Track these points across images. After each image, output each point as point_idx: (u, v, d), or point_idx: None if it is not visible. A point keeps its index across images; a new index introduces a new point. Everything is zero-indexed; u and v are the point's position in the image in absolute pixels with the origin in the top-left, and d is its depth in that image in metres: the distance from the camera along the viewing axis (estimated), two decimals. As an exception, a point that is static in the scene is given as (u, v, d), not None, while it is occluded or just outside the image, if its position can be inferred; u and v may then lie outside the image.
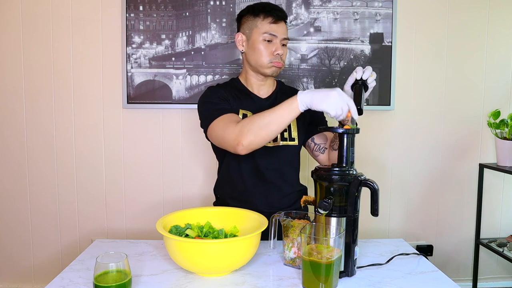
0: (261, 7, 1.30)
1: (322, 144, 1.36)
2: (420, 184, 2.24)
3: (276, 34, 1.28)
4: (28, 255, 2.17)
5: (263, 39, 1.28)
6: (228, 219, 1.18)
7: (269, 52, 1.29)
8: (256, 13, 1.30)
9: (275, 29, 1.28)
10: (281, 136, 1.36)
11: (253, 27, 1.30)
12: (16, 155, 2.11)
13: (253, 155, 1.33)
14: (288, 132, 1.37)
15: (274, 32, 1.28)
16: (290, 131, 1.37)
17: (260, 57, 1.30)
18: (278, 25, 1.29)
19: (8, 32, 2.05)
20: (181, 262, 1.00)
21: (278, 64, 1.30)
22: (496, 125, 2.06)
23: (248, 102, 1.35)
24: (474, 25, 2.16)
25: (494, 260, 2.29)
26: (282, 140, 1.36)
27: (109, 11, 2.05)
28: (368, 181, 0.98)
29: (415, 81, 2.18)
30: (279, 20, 1.29)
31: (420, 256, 1.17)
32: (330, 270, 0.91)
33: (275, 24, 1.28)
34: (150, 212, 2.14)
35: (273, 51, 1.28)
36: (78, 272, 1.03)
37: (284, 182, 1.38)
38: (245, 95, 1.37)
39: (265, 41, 1.29)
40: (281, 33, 1.29)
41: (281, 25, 1.30)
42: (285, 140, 1.37)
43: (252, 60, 1.32)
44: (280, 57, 1.30)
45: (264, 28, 1.28)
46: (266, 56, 1.29)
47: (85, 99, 2.09)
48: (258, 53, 1.30)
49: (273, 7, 1.31)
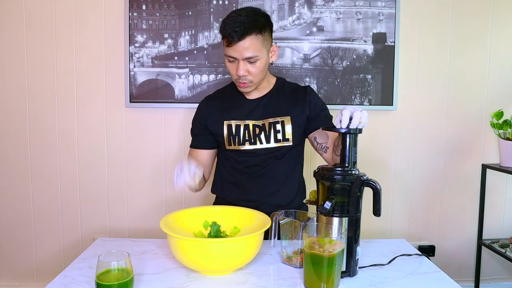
0: (223, 26, 1.23)
1: (323, 144, 1.36)
2: (422, 184, 2.23)
3: (234, 56, 1.24)
4: (30, 254, 2.18)
5: (227, 60, 1.29)
6: (232, 218, 1.19)
7: (233, 72, 1.29)
8: (221, 32, 1.26)
9: (232, 52, 1.23)
10: (274, 137, 1.35)
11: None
12: (19, 153, 2.12)
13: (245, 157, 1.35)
14: (281, 134, 1.35)
15: (231, 55, 1.25)
16: (284, 132, 1.35)
17: (231, 75, 1.32)
18: (235, 47, 1.21)
19: (11, 30, 2.05)
20: (184, 260, 1.00)
21: (242, 85, 1.30)
22: (499, 126, 2.05)
23: (236, 110, 1.38)
24: (477, 25, 2.16)
25: (497, 261, 2.28)
26: (275, 142, 1.36)
27: (112, 10, 2.05)
28: (370, 181, 0.98)
29: (418, 81, 2.17)
30: (236, 42, 1.20)
31: (422, 256, 1.17)
32: (332, 265, 0.90)
33: (230, 47, 1.22)
34: (152, 211, 2.15)
35: (235, 72, 1.27)
36: (80, 271, 1.04)
37: (279, 181, 1.39)
38: (236, 102, 1.40)
39: (229, 62, 1.28)
40: (240, 54, 1.22)
41: (239, 45, 1.21)
42: (278, 142, 1.36)
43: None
44: (244, 78, 1.27)
45: (225, 49, 1.27)
46: (233, 76, 1.31)
47: (87, 98, 2.10)
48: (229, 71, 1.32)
49: (230, 25, 1.20)
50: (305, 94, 1.40)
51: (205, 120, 1.40)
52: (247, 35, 1.20)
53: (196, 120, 1.45)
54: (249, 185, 1.38)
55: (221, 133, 1.37)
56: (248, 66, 1.25)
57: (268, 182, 1.38)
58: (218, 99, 1.43)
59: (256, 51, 1.23)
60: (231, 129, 1.36)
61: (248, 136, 1.35)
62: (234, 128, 1.36)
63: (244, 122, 1.36)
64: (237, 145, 1.36)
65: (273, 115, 1.36)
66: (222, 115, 1.38)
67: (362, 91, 2.12)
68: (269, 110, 1.37)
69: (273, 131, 1.35)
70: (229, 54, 1.25)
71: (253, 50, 1.22)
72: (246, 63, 1.25)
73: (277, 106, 1.37)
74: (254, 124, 1.35)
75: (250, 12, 1.24)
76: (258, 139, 1.35)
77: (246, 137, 1.35)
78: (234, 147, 1.36)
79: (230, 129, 1.36)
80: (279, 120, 1.35)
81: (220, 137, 1.37)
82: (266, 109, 1.37)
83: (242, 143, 1.35)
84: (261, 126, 1.35)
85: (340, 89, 2.11)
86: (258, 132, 1.35)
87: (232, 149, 1.37)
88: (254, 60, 1.24)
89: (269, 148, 1.36)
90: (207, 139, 1.42)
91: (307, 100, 1.38)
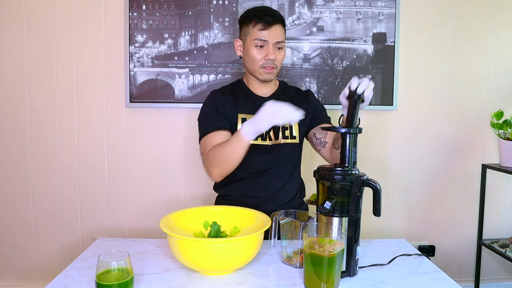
0: (253, 13, 1.32)
1: (322, 138, 1.38)
2: (422, 184, 2.23)
3: (267, 39, 1.30)
4: (30, 254, 2.18)
5: (254, 45, 1.32)
6: (232, 218, 1.18)
7: (260, 57, 1.32)
8: (249, 19, 1.32)
9: (265, 34, 1.30)
10: (282, 134, 1.38)
11: (246, 33, 1.34)
12: (19, 154, 2.12)
13: (254, 153, 1.35)
14: (289, 131, 1.40)
15: (264, 38, 1.30)
16: (291, 129, 1.40)
17: (252, 62, 1.34)
18: (269, 30, 1.30)
19: (11, 31, 2.05)
20: (184, 260, 1.00)
21: (269, 70, 1.33)
22: (499, 126, 2.05)
23: (248, 104, 1.38)
24: (478, 25, 2.16)
25: (497, 261, 2.28)
26: (283, 138, 1.39)
27: (112, 10, 2.05)
28: (370, 181, 0.98)
29: (418, 81, 2.17)
30: (270, 25, 1.30)
31: (422, 256, 1.17)
32: (332, 265, 0.90)
33: (265, 30, 1.30)
34: (152, 211, 2.15)
35: (264, 56, 1.32)
36: (80, 271, 1.04)
37: (284, 178, 1.40)
38: (247, 97, 1.41)
39: (257, 47, 1.32)
40: (272, 38, 1.30)
41: (273, 29, 1.30)
42: (286, 138, 1.39)
43: (247, 65, 1.38)
44: (272, 62, 1.32)
45: (255, 34, 1.31)
46: (258, 62, 1.33)
47: (87, 98, 2.10)
48: (251, 59, 1.34)
49: (265, 12, 1.31)
50: (307, 96, 1.47)
51: (224, 108, 1.37)
52: (279, 22, 1.33)
53: (213, 108, 1.38)
54: (255, 182, 1.38)
55: (236, 126, 1.36)
56: (275, 52, 1.32)
57: (273, 179, 1.39)
58: (229, 93, 1.43)
59: (284, 38, 1.35)
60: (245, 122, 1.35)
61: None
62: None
63: None
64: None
65: None
66: (236, 108, 1.38)
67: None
68: None
69: (281, 128, 1.39)
70: (262, 37, 1.30)
71: (283, 36, 1.34)
72: (274, 49, 1.32)
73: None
74: None
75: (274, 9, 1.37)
76: (268, 136, 1.38)
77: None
78: None
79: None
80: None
81: (234, 129, 1.36)
82: None
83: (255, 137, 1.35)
84: None
85: (340, 89, 2.11)
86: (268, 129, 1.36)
87: None
88: (281, 46, 1.34)
89: (278, 144, 1.38)
90: (227, 122, 1.37)
91: (310, 101, 1.44)
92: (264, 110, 1.14)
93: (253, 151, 1.36)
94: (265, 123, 1.15)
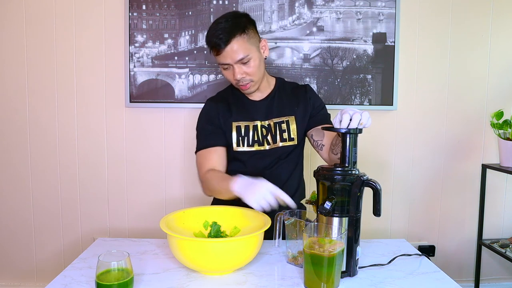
0: (207, 39, 1.26)
1: (319, 141, 1.36)
2: (422, 185, 2.23)
3: (227, 62, 1.24)
4: (30, 254, 2.18)
5: (222, 68, 1.30)
6: (232, 218, 1.19)
7: (231, 78, 1.30)
8: (207, 45, 1.27)
9: (223, 59, 1.24)
10: (280, 137, 1.37)
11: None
12: (19, 153, 2.12)
13: (251, 157, 1.35)
14: (287, 133, 1.37)
15: (223, 61, 1.25)
16: (289, 132, 1.37)
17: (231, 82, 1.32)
18: (223, 54, 1.22)
19: (11, 31, 2.05)
20: (184, 260, 1.00)
21: (244, 87, 1.30)
22: (499, 126, 2.05)
23: (242, 111, 1.38)
24: (478, 25, 2.16)
25: (497, 261, 2.28)
26: (281, 141, 1.37)
27: (112, 10, 2.05)
28: (370, 181, 0.98)
29: (418, 81, 2.17)
30: (223, 49, 1.21)
31: (422, 256, 1.17)
32: (332, 265, 0.90)
33: (220, 55, 1.24)
34: (152, 211, 2.15)
35: (233, 77, 1.28)
36: (80, 271, 1.04)
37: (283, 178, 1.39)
38: (240, 103, 1.40)
39: (224, 70, 1.29)
40: (230, 59, 1.23)
41: (227, 51, 1.22)
42: (284, 141, 1.37)
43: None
44: (243, 79, 1.27)
45: (217, 59, 1.28)
46: (232, 81, 1.31)
47: (87, 98, 2.10)
48: (227, 79, 1.33)
49: (213, 35, 1.22)
50: (305, 92, 1.42)
51: (218, 119, 1.38)
52: (232, 38, 1.21)
53: (207, 120, 1.40)
54: None
55: (230, 134, 1.37)
56: (243, 68, 1.25)
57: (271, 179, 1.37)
58: (223, 101, 1.42)
59: (246, 51, 1.23)
60: (240, 130, 1.36)
61: (257, 137, 1.37)
62: (243, 129, 1.37)
63: (253, 123, 1.37)
64: (246, 146, 1.36)
65: (278, 115, 1.38)
66: (231, 116, 1.38)
67: (362, 91, 2.12)
68: (274, 111, 1.38)
69: (279, 131, 1.37)
70: (222, 62, 1.25)
71: (243, 50, 1.23)
72: (240, 65, 1.25)
73: (281, 106, 1.39)
74: (262, 125, 1.37)
75: (228, 16, 1.25)
76: (265, 140, 1.37)
77: (255, 138, 1.36)
78: (243, 148, 1.37)
79: (239, 130, 1.37)
80: (284, 120, 1.37)
81: (229, 138, 1.37)
82: (271, 109, 1.38)
83: (251, 144, 1.36)
84: (267, 126, 1.37)
85: (340, 89, 2.11)
86: (265, 133, 1.36)
87: (240, 151, 1.37)
88: (246, 60, 1.24)
89: (276, 148, 1.37)
90: (222, 136, 1.38)
91: (308, 98, 1.41)
92: (259, 187, 1.07)
93: (251, 155, 1.36)
94: (253, 201, 1.05)
